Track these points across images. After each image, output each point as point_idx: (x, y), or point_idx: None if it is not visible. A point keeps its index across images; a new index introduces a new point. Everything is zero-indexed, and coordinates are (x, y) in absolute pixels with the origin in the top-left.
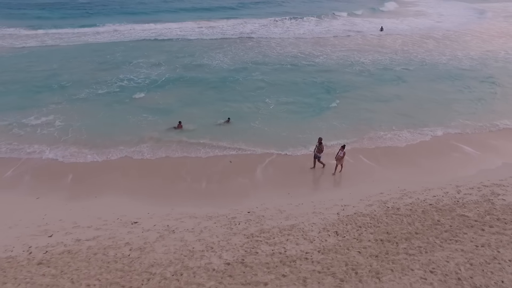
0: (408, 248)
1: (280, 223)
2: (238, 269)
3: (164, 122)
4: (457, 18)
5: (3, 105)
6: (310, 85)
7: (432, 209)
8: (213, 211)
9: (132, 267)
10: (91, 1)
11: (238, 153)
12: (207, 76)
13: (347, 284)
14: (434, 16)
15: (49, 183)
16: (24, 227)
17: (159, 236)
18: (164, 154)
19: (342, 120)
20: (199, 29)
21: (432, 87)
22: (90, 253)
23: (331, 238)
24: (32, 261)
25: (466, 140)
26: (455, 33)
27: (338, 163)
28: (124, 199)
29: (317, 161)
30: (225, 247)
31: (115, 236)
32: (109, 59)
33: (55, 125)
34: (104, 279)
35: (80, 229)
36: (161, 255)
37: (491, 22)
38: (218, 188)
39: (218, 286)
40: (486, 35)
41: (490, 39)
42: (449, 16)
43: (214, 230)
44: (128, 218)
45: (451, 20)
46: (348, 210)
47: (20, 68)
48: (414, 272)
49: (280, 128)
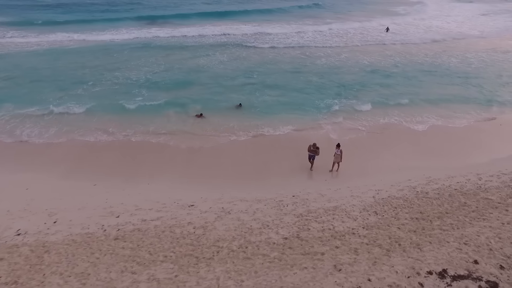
0: (441, 225)
1: (324, 204)
2: (296, 242)
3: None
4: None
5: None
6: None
7: (457, 193)
8: (261, 195)
9: (200, 242)
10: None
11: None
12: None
13: (393, 253)
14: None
15: (102, 171)
16: (91, 209)
17: (217, 216)
18: (199, 143)
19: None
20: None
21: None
22: (158, 231)
23: (372, 217)
24: (109, 237)
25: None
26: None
27: (335, 161)
28: (174, 185)
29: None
30: (279, 225)
31: (176, 217)
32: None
33: (100, 117)
34: (178, 251)
35: (142, 211)
36: (223, 232)
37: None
38: (260, 174)
39: (282, 256)
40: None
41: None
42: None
43: (266, 211)
44: (184, 202)
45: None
46: (382, 194)
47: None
48: (450, 244)
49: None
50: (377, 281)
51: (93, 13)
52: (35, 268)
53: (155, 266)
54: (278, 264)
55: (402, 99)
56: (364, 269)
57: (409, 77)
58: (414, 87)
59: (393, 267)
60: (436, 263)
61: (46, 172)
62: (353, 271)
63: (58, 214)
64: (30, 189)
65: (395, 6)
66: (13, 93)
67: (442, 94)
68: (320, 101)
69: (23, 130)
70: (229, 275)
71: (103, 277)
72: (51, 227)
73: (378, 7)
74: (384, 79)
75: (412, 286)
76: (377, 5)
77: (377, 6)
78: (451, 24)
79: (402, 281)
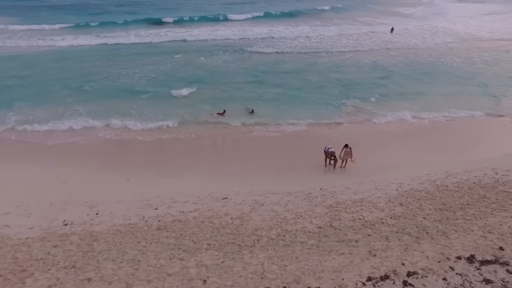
0: (464, 215)
1: (351, 197)
2: (330, 231)
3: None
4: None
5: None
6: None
7: (476, 187)
8: (289, 188)
9: (239, 231)
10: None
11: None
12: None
13: (422, 240)
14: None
15: (133, 166)
16: (129, 202)
17: (252, 208)
18: (222, 140)
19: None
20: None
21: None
22: (197, 221)
23: (397, 208)
24: (151, 227)
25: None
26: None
27: (345, 158)
28: (204, 179)
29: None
30: (312, 215)
31: (213, 209)
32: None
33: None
34: (220, 240)
35: (179, 203)
36: (260, 222)
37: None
38: (284, 169)
39: (319, 243)
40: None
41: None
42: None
43: (297, 203)
44: (218, 195)
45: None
46: (404, 187)
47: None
48: (474, 232)
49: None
50: (411, 265)
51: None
52: (88, 255)
53: (201, 253)
54: (317, 250)
55: (414, 97)
56: (397, 254)
57: (422, 76)
58: (427, 86)
59: (423, 252)
60: (464, 249)
61: (79, 167)
62: (387, 256)
63: (98, 206)
64: (67, 183)
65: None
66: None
67: (452, 92)
68: (335, 100)
69: (54, 126)
70: (272, 261)
71: (153, 263)
72: (95, 218)
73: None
74: (395, 78)
75: (444, 270)
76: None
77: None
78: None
79: (433, 265)
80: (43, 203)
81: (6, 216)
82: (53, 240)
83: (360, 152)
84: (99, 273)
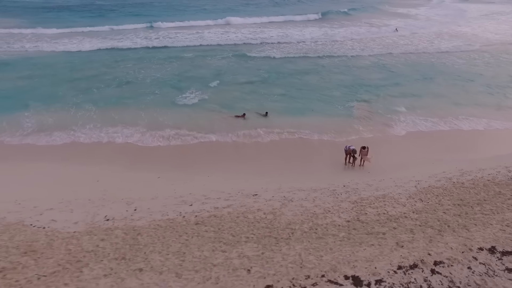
0: (482, 210)
1: (373, 193)
2: (358, 225)
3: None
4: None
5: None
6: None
7: (491, 184)
8: (315, 185)
9: (274, 225)
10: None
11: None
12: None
13: (444, 233)
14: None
15: (162, 165)
16: (163, 199)
17: (282, 204)
18: (254, 139)
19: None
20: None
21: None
22: (232, 216)
23: (418, 203)
24: (190, 222)
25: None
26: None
27: (362, 157)
28: (232, 177)
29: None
30: (339, 210)
31: (245, 205)
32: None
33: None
34: (257, 233)
35: (211, 200)
36: (292, 217)
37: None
38: (306, 167)
39: (349, 236)
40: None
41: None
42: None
43: (324, 199)
44: (248, 192)
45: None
46: (422, 184)
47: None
48: (493, 226)
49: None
50: (436, 255)
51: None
52: (134, 248)
53: (241, 246)
54: (348, 242)
55: (426, 100)
56: (422, 245)
57: (438, 78)
58: (441, 89)
59: (447, 244)
60: (484, 241)
61: (111, 166)
62: (413, 247)
63: (135, 203)
64: (101, 181)
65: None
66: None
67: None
68: (348, 102)
69: (78, 129)
70: (308, 252)
71: (197, 255)
72: (134, 213)
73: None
74: (408, 81)
75: (468, 260)
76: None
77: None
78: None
79: (457, 255)
80: (82, 199)
81: (51, 211)
82: (99, 234)
83: (375, 151)
84: (148, 264)
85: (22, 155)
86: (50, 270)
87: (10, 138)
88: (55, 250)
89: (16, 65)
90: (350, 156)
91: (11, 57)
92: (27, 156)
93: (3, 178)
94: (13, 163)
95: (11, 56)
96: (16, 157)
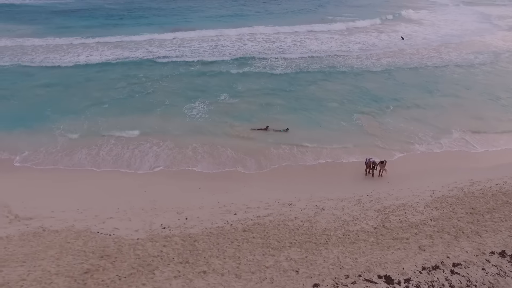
0: (491, 218)
1: (394, 202)
2: (384, 231)
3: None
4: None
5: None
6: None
7: (499, 193)
8: (341, 195)
9: (311, 232)
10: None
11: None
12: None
13: (460, 238)
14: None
15: (197, 176)
16: (209, 208)
17: (315, 212)
18: (269, 153)
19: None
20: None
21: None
22: (274, 224)
23: (434, 211)
24: (238, 230)
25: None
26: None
27: (381, 169)
28: (266, 187)
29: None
30: (366, 218)
31: (283, 213)
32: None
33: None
34: (298, 239)
35: (253, 209)
36: (326, 224)
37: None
38: (333, 176)
39: (378, 241)
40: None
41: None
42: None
43: (351, 207)
44: (283, 201)
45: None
46: (437, 193)
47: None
48: (502, 232)
49: None
50: (454, 258)
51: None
52: (194, 253)
53: (286, 250)
54: (377, 246)
55: (434, 112)
56: (441, 249)
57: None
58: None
59: (463, 248)
60: (495, 246)
61: (154, 176)
62: (434, 251)
63: (185, 212)
64: (147, 191)
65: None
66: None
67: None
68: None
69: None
70: (344, 255)
71: (251, 259)
72: (186, 222)
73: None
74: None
75: (482, 262)
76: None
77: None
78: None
79: (472, 258)
80: (136, 209)
81: (111, 220)
82: (159, 240)
83: (391, 162)
84: (210, 267)
85: (68, 166)
86: (127, 272)
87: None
88: (125, 255)
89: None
90: (371, 168)
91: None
92: (72, 166)
93: (60, 189)
94: (61, 173)
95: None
96: (64, 169)
